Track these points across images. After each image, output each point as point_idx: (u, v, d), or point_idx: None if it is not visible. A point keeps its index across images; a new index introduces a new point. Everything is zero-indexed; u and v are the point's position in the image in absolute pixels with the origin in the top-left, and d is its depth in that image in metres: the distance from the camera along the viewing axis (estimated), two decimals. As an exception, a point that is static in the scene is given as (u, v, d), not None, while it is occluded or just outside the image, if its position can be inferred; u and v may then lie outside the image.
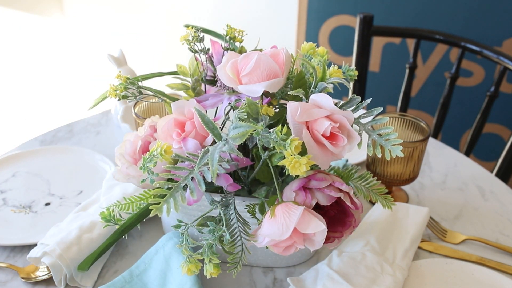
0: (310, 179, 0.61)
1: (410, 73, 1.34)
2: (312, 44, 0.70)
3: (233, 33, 0.71)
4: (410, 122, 0.85)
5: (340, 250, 0.74)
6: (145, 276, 0.71)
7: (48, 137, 1.07)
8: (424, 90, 1.78)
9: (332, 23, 1.79)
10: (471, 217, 0.87)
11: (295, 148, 0.53)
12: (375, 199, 0.68)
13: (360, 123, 0.65)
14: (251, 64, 0.60)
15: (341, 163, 0.91)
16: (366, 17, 1.31)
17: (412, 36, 1.32)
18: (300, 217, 0.56)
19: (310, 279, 0.70)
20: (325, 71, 0.64)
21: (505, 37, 1.61)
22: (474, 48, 1.23)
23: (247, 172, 0.68)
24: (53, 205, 0.87)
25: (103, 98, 0.75)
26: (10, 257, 0.77)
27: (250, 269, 0.76)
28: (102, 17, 2.57)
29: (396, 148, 0.61)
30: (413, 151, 0.81)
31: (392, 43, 1.74)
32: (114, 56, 1.03)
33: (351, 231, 0.64)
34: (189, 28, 0.71)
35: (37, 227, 0.82)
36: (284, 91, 0.65)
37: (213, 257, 0.61)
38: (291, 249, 0.59)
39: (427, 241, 0.81)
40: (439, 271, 0.74)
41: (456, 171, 0.99)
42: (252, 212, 0.65)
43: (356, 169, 0.70)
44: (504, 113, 1.69)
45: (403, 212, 0.81)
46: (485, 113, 1.24)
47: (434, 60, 1.71)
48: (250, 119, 0.58)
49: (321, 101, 0.59)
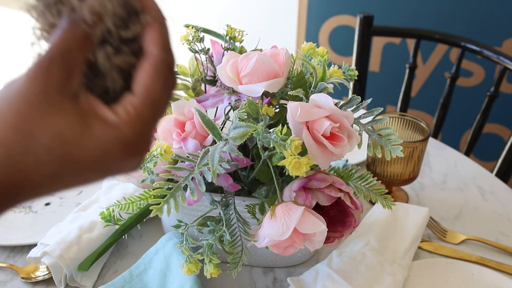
0: (310, 179, 0.61)
1: (410, 73, 1.34)
2: (312, 44, 0.70)
3: (233, 33, 0.71)
4: (410, 122, 0.85)
5: (340, 250, 0.74)
6: (145, 276, 0.71)
7: (48, 137, 1.07)
8: (424, 90, 1.78)
9: (332, 23, 1.79)
10: (471, 217, 0.87)
11: (295, 148, 0.53)
12: (375, 199, 0.68)
13: (360, 123, 0.65)
14: (251, 64, 0.60)
15: (341, 163, 0.91)
16: (366, 17, 1.31)
17: (412, 36, 1.32)
18: (300, 217, 0.56)
19: (310, 279, 0.70)
20: (325, 71, 0.64)
21: (505, 37, 1.61)
22: (474, 48, 1.23)
23: (247, 172, 0.68)
24: (53, 205, 0.87)
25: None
26: (10, 257, 0.77)
27: (250, 269, 0.76)
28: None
29: (396, 148, 0.61)
30: (413, 151, 0.81)
31: (392, 43, 1.74)
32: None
33: (351, 231, 0.64)
34: (189, 28, 0.71)
35: (37, 227, 0.82)
36: (284, 91, 0.65)
37: (213, 257, 0.61)
38: (291, 249, 0.59)
39: (427, 241, 0.81)
40: (439, 271, 0.74)
41: (456, 171, 0.99)
42: (252, 212, 0.65)
43: (356, 169, 0.70)
44: (504, 113, 1.69)
45: (403, 212, 0.81)
46: (485, 113, 1.24)
47: (434, 60, 1.71)
48: (250, 119, 0.58)
49: (321, 101, 0.59)
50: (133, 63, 0.33)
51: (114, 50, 0.32)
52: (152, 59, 0.32)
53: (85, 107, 0.31)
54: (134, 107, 0.31)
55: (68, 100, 0.30)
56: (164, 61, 0.32)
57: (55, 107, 0.29)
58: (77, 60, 0.30)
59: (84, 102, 0.31)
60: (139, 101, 0.32)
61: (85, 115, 0.30)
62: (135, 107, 0.31)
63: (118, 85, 0.33)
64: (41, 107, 0.29)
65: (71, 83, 0.30)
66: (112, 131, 0.31)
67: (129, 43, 0.33)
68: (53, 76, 0.29)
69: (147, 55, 0.32)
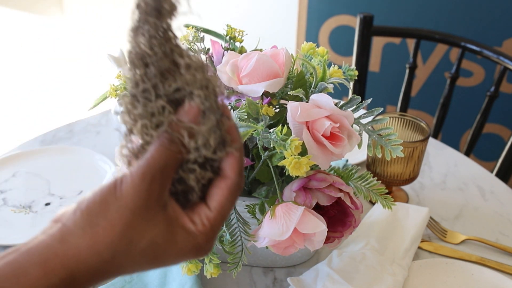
0: (310, 179, 0.61)
1: (410, 73, 1.34)
2: (312, 44, 0.70)
3: (233, 33, 0.71)
4: (410, 122, 0.85)
5: (340, 250, 0.74)
6: (145, 276, 0.71)
7: (48, 137, 1.07)
8: (424, 90, 1.78)
9: (332, 23, 1.79)
10: (471, 217, 0.87)
11: (295, 148, 0.53)
12: (375, 199, 0.68)
13: (360, 123, 0.65)
14: (251, 64, 0.60)
15: (341, 163, 0.91)
16: (366, 17, 1.31)
17: (412, 36, 1.32)
18: (300, 217, 0.56)
19: (310, 279, 0.70)
20: (325, 71, 0.64)
21: (505, 37, 1.61)
22: (474, 48, 1.23)
23: (247, 172, 0.68)
24: (53, 205, 0.87)
25: (103, 99, 0.75)
26: (10, 257, 0.77)
27: (250, 269, 0.76)
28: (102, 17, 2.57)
29: (396, 148, 0.61)
30: (413, 151, 0.81)
31: (392, 43, 1.74)
32: (114, 56, 1.03)
33: (351, 231, 0.64)
34: (189, 28, 0.71)
35: (37, 227, 0.82)
36: (284, 91, 0.65)
37: (213, 257, 0.61)
38: (291, 249, 0.59)
39: (427, 241, 0.81)
40: (439, 271, 0.74)
41: (456, 171, 0.99)
42: (252, 212, 0.65)
43: (356, 169, 0.70)
44: (504, 113, 1.69)
45: (403, 212, 0.81)
46: (485, 113, 1.24)
47: (434, 60, 1.71)
48: (250, 119, 0.58)
49: (321, 101, 0.59)
50: (210, 177, 0.38)
51: (199, 166, 0.38)
52: (229, 182, 0.38)
53: (171, 215, 0.37)
54: (209, 221, 0.38)
55: (161, 210, 0.36)
56: (237, 184, 0.39)
57: (152, 217, 0.35)
58: (171, 175, 0.36)
59: (170, 210, 0.37)
60: (214, 216, 0.38)
61: (171, 223, 0.36)
62: (210, 220, 0.38)
63: (195, 194, 0.38)
64: (142, 217, 0.35)
65: (164, 195, 0.36)
66: (191, 239, 0.37)
67: (211, 162, 0.38)
68: (154, 192, 0.35)
69: (225, 177, 0.38)
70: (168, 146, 0.36)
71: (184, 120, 0.36)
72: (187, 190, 0.38)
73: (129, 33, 0.36)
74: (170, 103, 0.36)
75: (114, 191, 0.35)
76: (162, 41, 0.36)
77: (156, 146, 0.36)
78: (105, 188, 0.35)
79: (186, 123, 0.36)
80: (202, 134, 0.36)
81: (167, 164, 0.35)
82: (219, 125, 0.37)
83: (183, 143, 0.36)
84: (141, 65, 0.36)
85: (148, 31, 0.35)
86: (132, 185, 0.35)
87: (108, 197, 0.35)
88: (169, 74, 0.36)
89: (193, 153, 0.37)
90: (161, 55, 0.36)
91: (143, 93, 0.36)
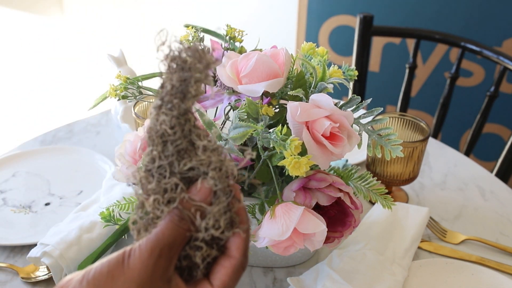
0: (310, 179, 0.61)
1: (410, 73, 1.34)
2: (312, 44, 0.70)
3: (233, 33, 0.71)
4: (410, 122, 0.85)
5: (340, 250, 0.74)
6: None
7: (48, 137, 1.07)
8: (424, 90, 1.78)
9: (332, 23, 1.79)
10: (471, 217, 0.87)
11: (295, 148, 0.53)
12: (375, 199, 0.68)
13: (360, 123, 0.65)
14: (251, 64, 0.60)
15: (341, 163, 0.91)
16: (366, 17, 1.31)
17: (412, 36, 1.32)
18: (300, 217, 0.56)
19: (310, 279, 0.70)
20: (325, 71, 0.64)
21: (505, 37, 1.61)
22: (474, 48, 1.23)
23: (247, 172, 0.68)
24: (53, 205, 0.87)
25: (103, 98, 0.75)
26: (10, 257, 0.77)
27: (250, 269, 0.76)
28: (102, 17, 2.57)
29: (396, 148, 0.61)
30: (413, 151, 0.81)
31: (392, 43, 1.74)
32: (114, 56, 1.03)
33: (351, 231, 0.64)
34: (189, 28, 0.71)
35: (37, 227, 0.82)
36: (284, 91, 0.65)
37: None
38: (291, 249, 0.59)
39: (427, 241, 0.81)
40: (439, 271, 0.74)
41: (456, 171, 0.99)
42: (252, 212, 0.65)
43: (356, 169, 0.70)
44: (504, 113, 1.69)
45: (403, 212, 0.81)
46: (485, 113, 1.24)
47: (434, 60, 1.71)
48: (250, 119, 0.58)
49: (321, 101, 0.59)
50: (214, 255, 0.39)
51: (206, 244, 0.38)
52: (233, 261, 0.39)
53: None
54: None
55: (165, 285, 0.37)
56: (242, 264, 0.39)
57: None
58: (178, 251, 0.37)
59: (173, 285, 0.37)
60: None
61: None
62: None
63: (200, 271, 0.39)
64: None
65: (170, 270, 0.37)
66: None
67: (217, 240, 0.39)
68: (160, 267, 0.36)
69: (230, 257, 0.39)
70: (178, 223, 0.36)
71: (196, 199, 0.37)
72: (192, 266, 0.39)
73: (152, 110, 0.37)
74: (183, 180, 0.37)
75: (122, 263, 0.36)
76: (183, 121, 0.37)
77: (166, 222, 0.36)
78: (113, 260, 0.36)
79: (197, 202, 0.37)
80: (213, 215, 0.37)
81: (175, 241, 0.36)
82: (229, 206, 0.38)
83: (193, 222, 0.37)
84: (160, 143, 0.37)
85: (170, 110, 0.36)
86: (140, 259, 0.36)
87: (115, 270, 0.36)
88: (185, 153, 0.37)
89: (202, 232, 0.37)
90: (180, 135, 0.37)
91: (158, 169, 0.37)
